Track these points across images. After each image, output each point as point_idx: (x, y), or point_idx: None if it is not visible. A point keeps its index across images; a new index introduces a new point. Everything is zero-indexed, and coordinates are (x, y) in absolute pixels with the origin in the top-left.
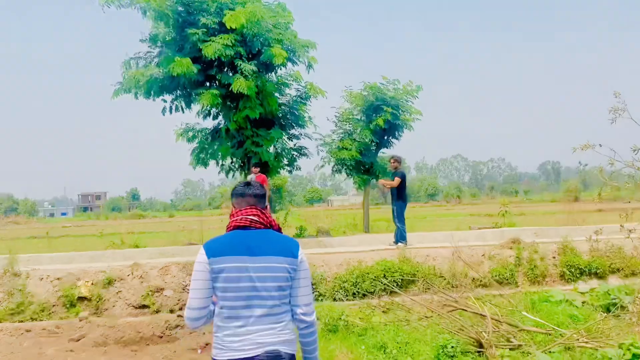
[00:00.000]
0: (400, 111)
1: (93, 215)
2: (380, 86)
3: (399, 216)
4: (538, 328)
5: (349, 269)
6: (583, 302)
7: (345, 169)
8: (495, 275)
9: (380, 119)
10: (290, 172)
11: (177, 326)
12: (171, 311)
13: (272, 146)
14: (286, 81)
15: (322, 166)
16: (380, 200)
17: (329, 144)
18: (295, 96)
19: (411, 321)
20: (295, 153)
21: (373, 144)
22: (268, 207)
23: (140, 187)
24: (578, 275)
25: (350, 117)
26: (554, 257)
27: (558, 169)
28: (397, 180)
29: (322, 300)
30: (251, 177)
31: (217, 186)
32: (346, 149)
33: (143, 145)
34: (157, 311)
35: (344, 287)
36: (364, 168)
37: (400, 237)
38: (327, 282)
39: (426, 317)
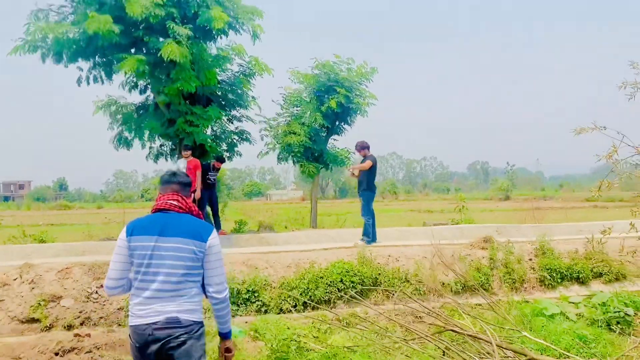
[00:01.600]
0: (354, 94)
1: (14, 206)
2: (332, 65)
3: (366, 207)
4: (551, 357)
5: (298, 272)
6: (578, 315)
7: (292, 157)
8: (469, 280)
9: (333, 101)
10: (230, 158)
11: (72, 349)
12: (69, 327)
13: (209, 127)
14: (227, 54)
15: (267, 153)
16: (318, 195)
17: (274, 128)
18: (238, 72)
19: (384, 345)
20: (235, 137)
21: (323, 129)
22: (195, 194)
23: (69, 177)
24: (559, 281)
25: (299, 98)
26: (530, 260)
27: (487, 168)
28: (368, 163)
29: (266, 312)
30: (179, 163)
31: (151, 177)
32: (294, 134)
33: (73, 133)
34: (50, 327)
35: (292, 295)
36: (312, 156)
37: (365, 232)
38: (272, 288)
39: (405, 340)
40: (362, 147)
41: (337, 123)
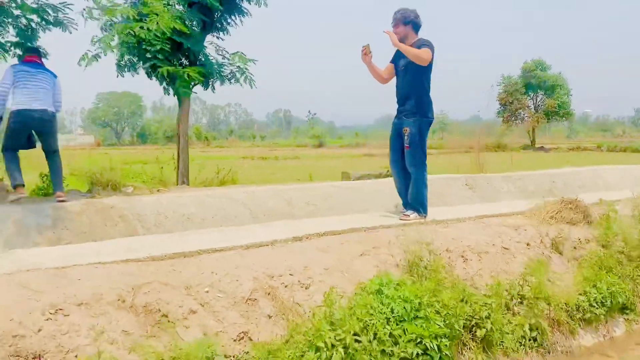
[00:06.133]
0: None
1: None
2: None
3: (419, 148)
4: None
5: (285, 322)
6: None
7: (145, 62)
8: None
9: None
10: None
11: None
12: None
13: None
14: None
15: (96, 56)
16: (113, 140)
17: (110, 10)
18: None
19: None
20: (34, 17)
21: (197, 21)
22: None
23: None
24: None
25: None
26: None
27: (289, 117)
28: (426, 51)
29: None
30: None
31: None
32: (155, 15)
33: None
34: None
35: None
36: (182, 61)
37: (417, 196)
38: None
39: None
40: (406, 20)
41: (219, 15)
